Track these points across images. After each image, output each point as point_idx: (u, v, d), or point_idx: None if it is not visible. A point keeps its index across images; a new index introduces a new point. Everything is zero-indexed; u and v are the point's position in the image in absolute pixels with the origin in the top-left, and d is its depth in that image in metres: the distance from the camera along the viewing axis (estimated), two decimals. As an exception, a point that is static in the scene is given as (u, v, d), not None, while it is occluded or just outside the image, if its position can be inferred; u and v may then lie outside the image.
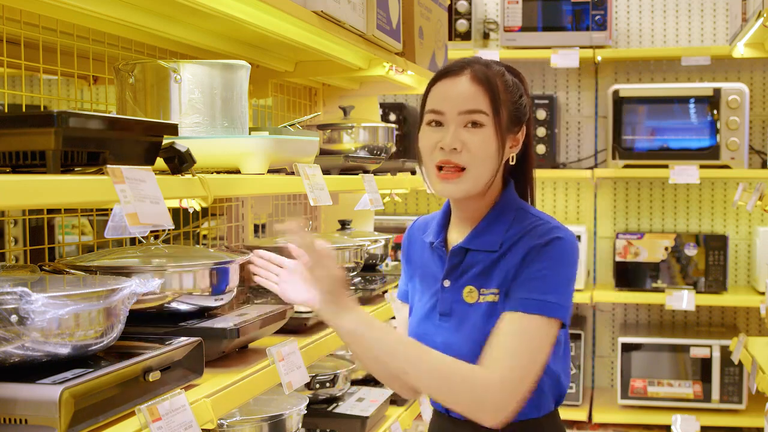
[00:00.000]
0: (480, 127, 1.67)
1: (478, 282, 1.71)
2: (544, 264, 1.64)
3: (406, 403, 3.03)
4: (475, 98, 1.67)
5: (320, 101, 3.52)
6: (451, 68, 1.72)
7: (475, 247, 1.72)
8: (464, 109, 1.67)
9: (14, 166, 1.37)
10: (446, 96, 1.70)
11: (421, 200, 5.14)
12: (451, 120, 1.68)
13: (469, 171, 1.67)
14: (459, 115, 1.67)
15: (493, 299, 1.68)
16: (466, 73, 1.70)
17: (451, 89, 1.70)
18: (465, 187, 1.68)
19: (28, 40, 1.97)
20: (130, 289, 1.46)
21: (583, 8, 4.56)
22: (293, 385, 1.88)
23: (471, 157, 1.67)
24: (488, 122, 1.67)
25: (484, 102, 1.67)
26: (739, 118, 4.38)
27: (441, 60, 3.56)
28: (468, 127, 1.67)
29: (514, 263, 1.67)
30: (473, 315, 1.69)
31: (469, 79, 1.69)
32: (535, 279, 1.64)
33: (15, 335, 1.28)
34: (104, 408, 1.35)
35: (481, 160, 1.67)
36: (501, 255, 1.70)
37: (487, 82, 1.68)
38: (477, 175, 1.68)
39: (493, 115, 1.67)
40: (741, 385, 4.38)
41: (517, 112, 1.73)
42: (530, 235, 1.68)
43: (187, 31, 2.24)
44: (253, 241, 2.82)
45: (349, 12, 2.42)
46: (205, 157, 1.83)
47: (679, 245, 4.50)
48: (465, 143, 1.67)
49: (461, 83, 1.69)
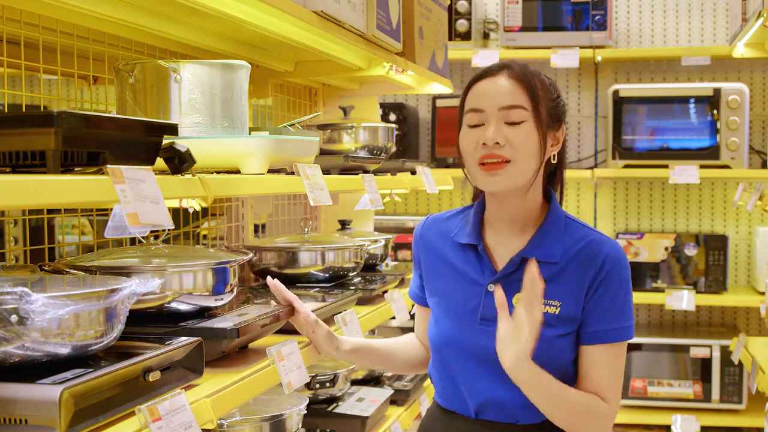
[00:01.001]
0: (520, 124, 1.69)
1: None
2: (616, 290, 1.72)
3: (406, 403, 3.03)
4: (515, 94, 1.70)
5: (320, 101, 3.52)
6: (489, 69, 1.76)
7: (536, 258, 1.72)
8: (504, 105, 1.70)
9: (14, 166, 1.37)
10: (486, 94, 1.72)
11: (421, 200, 5.14)
12: (491, 116, 1.70)
13: (513, 164, 1.69)
14: (499, 111, 1.70)
15: (554, 311, 1.71)
16: (504, 72, 1.73)
17: (491, 87, 1.72)
18: (509, 179, 1.70)
19: (28, 40, 1.97)
20: (130, 289, 1.46)
21: (583, 8, 4.56)
22: (293, 385, 1.88)
23: (514, 150, 1.69)
24: (528, 118, 1.70)
25: (524, 98, 1.70)
26: (739, 118, 4.38)
27: (441, 60, 3.56)
28: (509, 124, 1.69)
29: (577, 282, 1.71)
30: None
31: (508, 77, 1.72)
32: (611, 307, 1.71)
33: (15, 335, 1.28)
34: (104, 408, 1.34)
35: (524, 154, 1.69)
36: (563, 267, 1.73)
37: (525, 79, 1.71)
38: (521, 169, 1.70)
39: (533, 110, 1.70)
40: (741, 385, 4.38)
41: (556, 110, 1.77)
42: (591, 250, 1.73)
43: (187, 31, 2.24)
44: (253, 241, 2.82)
45: (349, 12, 2.42)
46: (205, 157, 1.83)
47: (679, 245, 4.50)
48: (507, 138, 1.69)
49: (500, 81, 1.72)
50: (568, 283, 1.71)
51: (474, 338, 1.74)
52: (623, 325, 1.72)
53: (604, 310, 1.71)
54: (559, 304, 1.71)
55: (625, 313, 1.72)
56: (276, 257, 2.53)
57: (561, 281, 1.72)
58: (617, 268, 1.72)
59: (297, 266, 2.52)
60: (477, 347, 1.72)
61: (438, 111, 4.78)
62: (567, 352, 1.71)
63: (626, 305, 1.73)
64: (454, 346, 1.78)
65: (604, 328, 1.71)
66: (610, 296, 1.71)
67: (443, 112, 4.77)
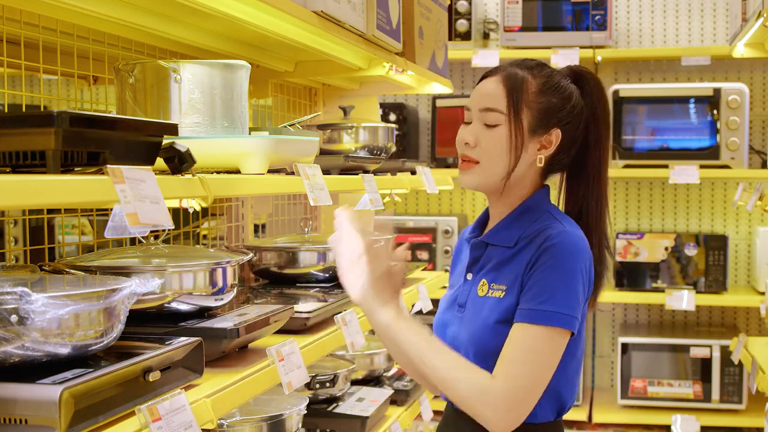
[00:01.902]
0: (495, 127, 1.74)
1: (490, 276, 1.76)
2: (547, 272, 1.65)
3: (406, 403, 3.03)
4: (495, 98, 1.75)
5: (320, 101, 3.52)
6: (492, 69, 1.81)
7: (493, 242, 1.79)
8: (483, 107, 1.76)
9: (14, 166, 1.37)
10: (475, 94, 1.79)
11: (421, 200, 5.14)
12: (474, 116, 1.78)
13: (480, 165, 1.76)
14: (479, 112, 1.76)
15: (499, 295, 1.72)
16: (498, 73, 1.77)
17: (481, 88, 1.79)
18: (476, 179, 1.77)
19: (28, 40, 1.97)
20: (130, 289, 1.46)
21: (583, 8, 4.56)
22: (293, 385, 1.88)
23: (482, 151, 1.75)
24: (503, 122, 1.74)
25: (503, 102, 1.74)
26: (739, 118, 4.38)
27: (441, 60, 3.56)
28: (487, 126, 1.75)
29: (523, 266, 1.70)
30: (480, 307, 1.75)
31: (497, 80, 1.76)
32: (536, 288, 1.65)
33: (15, 335, 1.28)
34: (104, 408, 1.35)
35: (492, 157, 1.74)
36: (515, 253, 1.74)
37: (511, 84, 1.74)
38: (488, 170, 1.75)
39: (510, 115, 1.73)
40: (741, 385, 4.38)
41: (547, 117, 1.75)
42: (540, 237, 1.70)
43: (187, 31, 2.24)
44: (253, 241, 2.82)
45: (349, 12, 2.42)
46: (205, 157, 1.83)
47: (679, 245, 4.50)
48: (479, 139, 1.75)
49: (489, 83, 1.77)
50: (516, 269, 1.71)
51: (450, 324, 1.81)
52: (548, 309, 1.62)
53: (530, 290, 1.65)
54: (504, 288, 1.71)
55: (555, 298, 1.63)
56: (276, 257, 2.53)
57: (510, 267, 1.73)
58: (556, 250, 1.66)
59: (297, 266, 2.52)
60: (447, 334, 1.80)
61: (438, 111, 4.78)
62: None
63: (558, 290, 1.63)
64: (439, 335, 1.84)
65: (526, 306, 1.65)
66: (540, 276, 1.65)
67: (443, 112, 4.77)
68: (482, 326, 1.71)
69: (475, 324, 1.73)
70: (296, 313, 2.09)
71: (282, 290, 2.46)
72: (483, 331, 1.71)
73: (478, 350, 1.71)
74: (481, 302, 1.75)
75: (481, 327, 1.71)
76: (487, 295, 1.74)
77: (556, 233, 1.69)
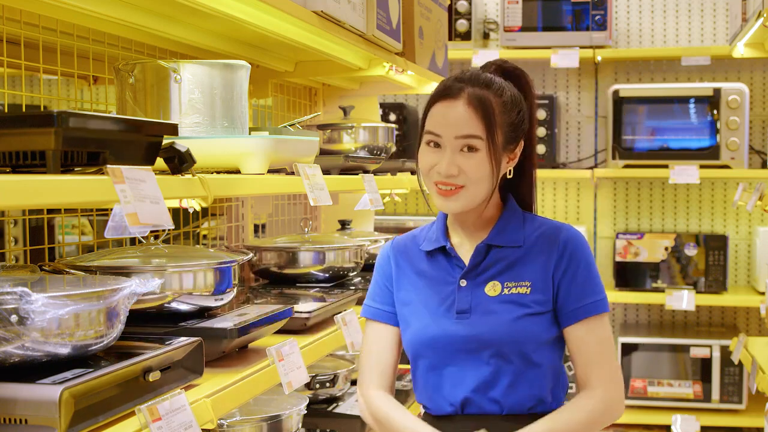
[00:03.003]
0: (475, 152, 1.74)
1: (502, 276, 1.80)
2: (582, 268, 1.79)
3: (406, 403, 3.03)
4: (470, 123, 1.74)
5: (320, 101, 3.52)
6: (448, 90, 1.77)
7: (500, 243, 1.82)
8: (460, 134, 1.74)
9: (14, 166, 1.37)
10: (443, 120, 1.76)
11: (421, 200, 5.14)
12: (447, 143, 1.75)
13: (466, 189, 1.76)
14: (455, 140, 1.75)
15: (524, 291, 1.78)
16: (463, 96, 1.75)
17: (449, 113, 1.76)
18: (463, 203, 1.78)
19: (28, 40, 1.97)
20: (130, 289, 1.46)
21: (583, 8, 4.56)
22: (293, 385, 1.88)
23: (467, 178, 1.75)
24: (482, 146, 1.74)
25: (479, 127, 1.74)
26: (739, 118, 4.38)
27: (441, 60, 3.56)
28: (464, 151, 1.75)
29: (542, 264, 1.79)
30: (494, 304, 1.77)
31: (465, 104, 1.74)
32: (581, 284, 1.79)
33: (15, 335, 1.28)
34: (104, 408, 1.35)
35: (477, 181, 1.75)
36: (526, 251, 1.81)
37: (482, 107, 1.74)
38: (474, 193, 1.77)
39: (488, 139, 1.73)
40: (741, 385, 4.38)
41: (514, 131, 1.80)
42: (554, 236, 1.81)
43: (187, 31, 2.24)
44: (253, 241, 2.82)
45: (349, 12, 2.42)
46: (205, 157, 1.83)
47: (679, 245, 4.50)
48: (461, 167, 1.75)
49: (458, 107, 1.75)
50: (534, 264, 1.80)
51: (452, 331, 1.78)
52: (597, 298, 1.79)
53: (577, 288, 1.78)
54: (529, 284, 1.79)
55: (597, 287, 1.80)
56: (276, 257, 2.53)
57: (527, 263, 1.80)
58: (578, 247, 1.80)
59: (297, 266, 2.53)
60: (456, 338, 1.77)
61: (438, 111, 4.77)
62: (541, 332, 1.77)
63: (595, 280, 1.81)
64: (433, 345, 1.80)
65: (581, 304, 1.78)
66: (579, 274, 1.79)
67: (443, 112, 4.76)
68: (507, 322, 1.75)
69: (494, 323, 1.76)
70: (296, 313, 2.09)
71: (282, 290, 2.46)
72: (509, 327, 1.75)
73: (501, 346, 1.75)
74: (496, 302, 1.77)
75: (505, 323, 1.75)
76: (503, 293, 1.78)
77: (568, 230, 1.82)
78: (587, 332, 1.78)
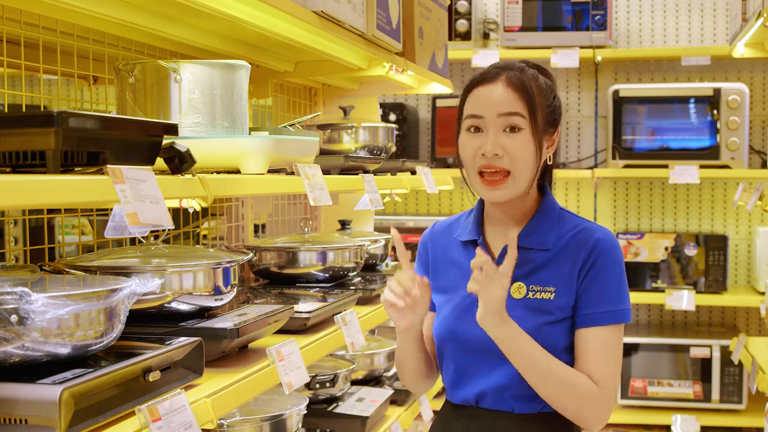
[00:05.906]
0: (518, 131, 1.73)
1: (529, 279, 1.77)
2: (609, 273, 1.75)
3: (406, 403, 3.03)
4: (512, 101, 1.73)
5: (320, 101, 3.52)
6: (487, 73, 1.78)
7: (529, 246, 1.78)
8: (503, 111, 1.73)
9: (14, 166, 1.37)
10: (484, 100, 1.75)
11: (421, 200, 5.14)
12: (490, 123, 1.74)
13: (512, 176, 1.74)
14: (498, 117, 1.73)
15: (548, 296, 1.75)
16: (502, 78, 1.75)
17: (489, 93, 1.75)
18: (510, 191, 1.75)
19: (28, 40, 1.97)
20: (130, 289, 1.46)
21: (583, 8, 4.56)
22: (293, 385, 1.88)
23: (512, 160, 1.73)
24: (525, 125, 1.73)
25: (521, 105, 1.73)
26: (739, 118, 4.38)
27: (441, 60, 3.56)
28: (507, 132, 1.73)
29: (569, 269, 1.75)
30: (519, 309, 1.75)
31: (505, 84, 1.74)
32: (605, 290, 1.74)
33: (15, 335, 1.28)
34: (104, 408, 1.35)
35: (523, 164, 1.73)
36: (555, 254, 1.77)
37: (523, 87, 1.74)
38: (520, 179, 1.74)
39: (530, 118, 1.73)
40: (741, 385, 4.38)
41: (553, 114, 1.79)
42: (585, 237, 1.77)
43: (187, 31, 2.24)
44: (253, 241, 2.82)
45: (349, 12, 2.42)
46: (205, 157, 1.83)
47: (679, 245, 4.50)
48: (505, 148, 1.72)
49: (498, 88, 1.75)
50: (561, 269, 1.76)
51: (473, 330, 1.77)
52: (617, 308, 1.74)
53: (597, 293, 1.74)
54: (554, 290, 1.75)
55: (619, 297, 1.75)
56: (276, 257, 2.53)
57: (554, 267, 1.77)
58: (608, 252, 1.76)
59: (297, 266, 2.52)
60: (474, 336, 1.76)
61: (438, 111, 4.78)
62: (560, 339, 1.75)
63: (620, 289, 1.76)
64: (454, 339, 1.81)
65: (597, 310, 1.74)
66: (601, 279, 1.74)
67: (443, 112, 4.77)
68: (528, 332, 1.71)
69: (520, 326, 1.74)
70: (296, 313, 2.09)
71: (282, 290, 2.46)
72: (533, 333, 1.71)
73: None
74: (521, 305, 1.75)
75: (529, 329, 1.71)
76: (527, 297, 1.76)
77: (601, 233, 1.78)
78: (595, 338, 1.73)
